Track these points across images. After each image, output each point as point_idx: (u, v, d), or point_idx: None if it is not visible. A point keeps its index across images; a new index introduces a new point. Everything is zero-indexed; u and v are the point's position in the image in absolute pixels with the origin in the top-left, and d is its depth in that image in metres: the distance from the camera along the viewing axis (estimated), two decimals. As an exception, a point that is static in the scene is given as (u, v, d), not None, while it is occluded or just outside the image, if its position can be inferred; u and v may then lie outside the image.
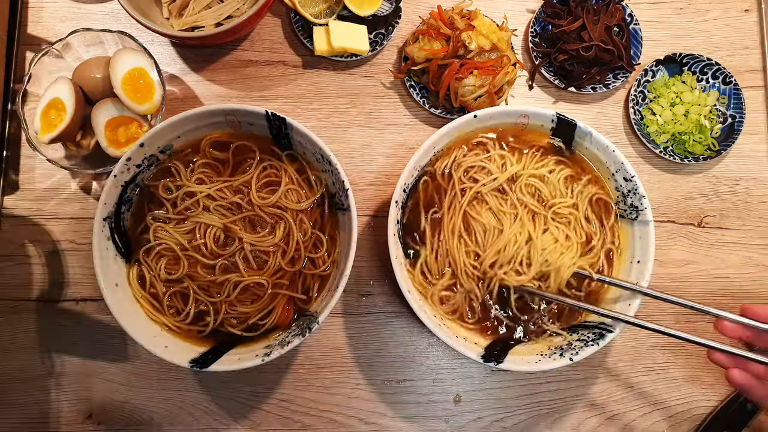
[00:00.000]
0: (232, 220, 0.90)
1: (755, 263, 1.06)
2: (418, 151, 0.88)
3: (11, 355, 0.99)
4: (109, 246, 0.88)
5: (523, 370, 0.85)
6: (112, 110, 0.97)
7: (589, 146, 0.93)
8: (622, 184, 0.91)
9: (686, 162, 1.04)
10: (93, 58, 1.00)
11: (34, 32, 1.07)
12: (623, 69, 1.07)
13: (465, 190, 0.92)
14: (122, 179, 0.87)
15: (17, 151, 1.04)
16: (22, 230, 1.02)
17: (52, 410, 0.98)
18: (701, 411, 1.02)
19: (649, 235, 0.88)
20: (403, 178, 0.88)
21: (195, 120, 0.89)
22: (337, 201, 0.92)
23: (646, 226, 0.89)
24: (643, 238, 0.89)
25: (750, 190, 1.08)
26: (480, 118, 0.91)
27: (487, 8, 1.08)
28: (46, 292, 1.00)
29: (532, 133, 0.95)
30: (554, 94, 1.10)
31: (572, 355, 0.85)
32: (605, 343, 0.85)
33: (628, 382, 1.02)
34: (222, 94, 1.07)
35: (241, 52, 1.08)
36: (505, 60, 1.01)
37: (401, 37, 1.09)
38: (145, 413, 0.98)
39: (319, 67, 1.08)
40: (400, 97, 1.08)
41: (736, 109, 1.07)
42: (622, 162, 0.90)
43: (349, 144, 1.06)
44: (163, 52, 1.07)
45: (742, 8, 1.14)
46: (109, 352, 0.99)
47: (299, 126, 0.88)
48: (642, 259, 0.89)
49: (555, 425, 1.00)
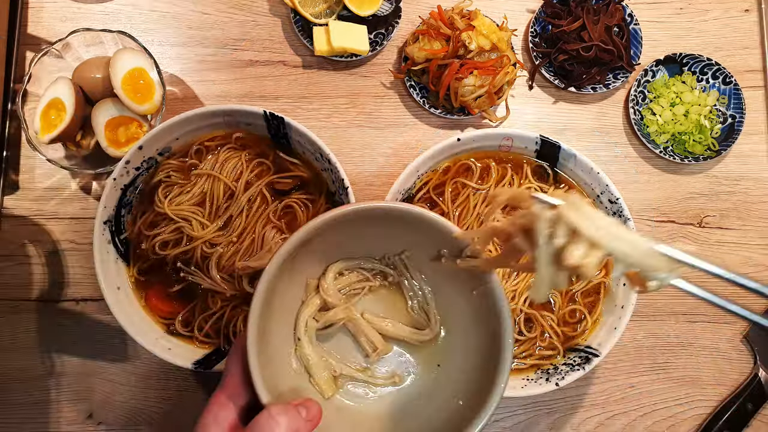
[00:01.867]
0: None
1: (755, 263, 1.06)
2: (401, 176, 0.89)
3: (11, 355, 0.99)
4: (109, 249, 0.88)
5: (509, 395, 0.86)
6: (112, 110, 0.97)
7: (574, 168, 0.93)
8: (608, 206, 0.92)
9: (686, 162, 1.04)
10: (93, 58, 1.00)
11: (34, 32, 1.07)
12: (623, 69, 1.07)
13: None
14: (121, 182, 0.88)
15: (17, 151, 1.04)
16: (22, 230, 1.02)
17: (52, 410, 0.98)
18: (701, 411, 1.02)
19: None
20: None
21: (193, 121, 0.89)
22: (337, 200, 0.92)
23: None
24: None
25: (750, 190, 1.08)
26: (463, 141, 0.91)
27: (487, 8, 1.08)
28: (46, 292, 1.00)
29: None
30: (554, 94, 1.10)
31: (558, 380, 0.86)
32: (591, 367, 0.86)
33: (628, 382, 1.02)
34: (222, 94, 1.07)
35: (241, 52, 1.08)
36: (505, 60, 1.01)
37: (401, 37, 1.09)
38: (145, 413, 0.98)
39: (319, 67, 1.08)
40: (400, 97, 1.08)
41: (736, 109, 1.07)
42: (606, 184, 0.90)
43: (349, 144, 1.06)
44: (163, 52, 1.07)
45: (742, 8, 1.14)
46: (109, 352, 0.99)
47: (297, 125, 0.88)
48: (628, 282, 0.89)
49: (555, 425, 1.00)
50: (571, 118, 1.09)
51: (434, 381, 0.76)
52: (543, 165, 0.95)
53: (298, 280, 0.75)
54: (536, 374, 0.89)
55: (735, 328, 1.04)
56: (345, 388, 0.75)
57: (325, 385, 0.72)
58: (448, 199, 0.93)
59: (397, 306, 0.79)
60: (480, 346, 0.71)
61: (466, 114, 1.04)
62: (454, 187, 0.94)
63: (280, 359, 0.71)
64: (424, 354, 0.78)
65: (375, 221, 0.70)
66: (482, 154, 0.96)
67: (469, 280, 0.71)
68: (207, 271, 0.90)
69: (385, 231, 0.73)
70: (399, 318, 0.79)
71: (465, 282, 0.72)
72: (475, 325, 0.73)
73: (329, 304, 0.75)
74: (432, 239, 0.70)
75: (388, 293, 0.80)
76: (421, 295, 0.78)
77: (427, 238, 0.71)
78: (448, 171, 0.95)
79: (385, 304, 0.79)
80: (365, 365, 0.77)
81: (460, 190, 0.95)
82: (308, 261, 0.73)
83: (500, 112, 1.07)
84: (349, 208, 0.66)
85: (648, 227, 1.06)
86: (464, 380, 0.72)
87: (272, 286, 0.65)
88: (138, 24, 1.08)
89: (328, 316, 0.75)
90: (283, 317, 0.73)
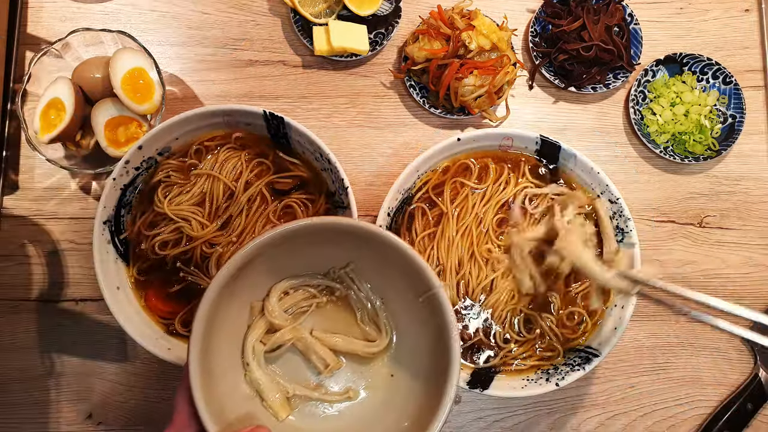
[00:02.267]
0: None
1: (755, 263, 1.06)
2: (400, 176, 0.89)
3: (11, 355, 0.99)
4: (109, 249, 0.88)
5: (509, 396, 0.86)
6: (112, 110, 0.97)
7: (574, 168, 0.93)
8: (608, 206, 0.91)
9: (686, 162, 1.04)
10: (93, 58, 0.99)
11: (34, 32, 1.07)
12: (623, 69, 1.07)
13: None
14: (121, 182, 0.87)
15: (17, 151, 1.04)
16: (21, 230, 1.02)
17: (52, 410, 0.98)
18: (701, 411, 1.02)
19: (635, 258, 0.88)
20: (387, 203, 0.88)
21: (193, 121, 0.89)
22: (336, 200, 0.92)
23: (631, 248, 0.89)
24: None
25: (750, 190, 1.08)
26: (463, 141, 0.91)
27: (487, 8, 1.08)
28: (45, 292, 1.00)
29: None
30: (554, 94, 1.10)
31: (558, 380, 0.86)
32: (591, 367, 0.86)
33: (628, 382, 1.02)
34: (222, 94, 1.07)
35: (241, 52, 1.08)
36: (505, 60, 1.01)
37: (401, 37, 1.09)
38: (145, 413, 0.98)
39: (319, 66, 1.08)
40: (400, 97, 1.08)
41: (737, 109, 1.07)
42: (607, 184, 0.90)
43: (349, 144, 1.06)
44: (163, 52, 1.07)
45: (742, 8, 1.14)
46: (109, 352, 0.99)
47: (297, 125, 0.88)
48: None
49: (555, 425, 1.00)
50: (571, 117, 1.09)
51: (389, 391, 0.75)
52: (540, 163, 0.95)
53: (241, 305, 0.74)
54: (536, 374, 0.89)
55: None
56: (299, 408, 0.74)
57: (278, 408, 0.72)
58: (447, 198, 0.93)
59: (346, 320, 0.79)
60: (430, 348, 0.72)
61: (466, 114, 1.04)
62: (453, 186, 0.94)
63: (229, 386, 0.70)
64: (378, 365, 0.78)
65: (314, 237, 0.70)
66: (482, 154, 0.96)
67: (414, 287, 0.71)
68: (207, 271, 0.90)
69: (327, 246, 0.73)
70: (349, 332, 0.78)
71: (411, 289, 0.72)
72: (423, 330, 0.73)
73: (275, 325, 0.75)
74: (373, 248, 0.70)
75: (337, 308, 0.80)
76: (370, 306, 0.78)
77: (369, 247, 0.71)
78: (448, 171, 0.95)
79: (335, 319, 0.79)
80: (318, 383, 0.77)
81: (458, 189, 0.95)
82: (251, 284, 0.73)
83: (500, 112, 1.07)
84: (281, 229, 0.65)
85: (648, 227, 1.06)
86: (418, 385, 0.72)
87: (211, 316, 0.65)
88: (138, 24, 1.08)
89: (275, 338, 0.74)
90: (230, 344, 0.72)
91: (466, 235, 0.92)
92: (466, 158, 0.95)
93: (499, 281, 0.91)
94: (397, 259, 0.69)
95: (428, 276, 0.68)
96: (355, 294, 0.78)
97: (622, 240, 0.90)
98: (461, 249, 0.91)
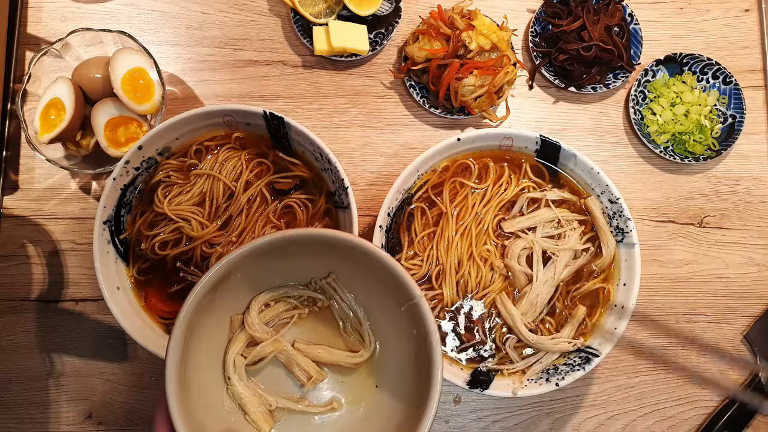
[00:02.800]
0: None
1: (755, 263, 1.06)
2: (400, 176, 0.89)
3: (11, 355, 0.99)
4: (109, 250, 0.88)
5: (510, 396, 0.85)
6: (112, 110, 0.97)
7: (574, 168, 0.93)
8: (608, 206, 0.91)
9: (686, 162, 1.04)
10: (93, 58, 0.99)
11: (34, 32, 1.07)
12: (623, 69, 1.07)
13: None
14: (121, 182, 0.87)
15: (17, 151, 1.04)
16: (21, 230, 1.02)
17: (52, 410, 0.98)
18: (701, 411, 1.02)
19: (635, 258, 0.89)
20: (387, 203, 0.88)
21: (193, 121, 0.89)
22: (336, 200, 0.92)
23: (631, 248, 0.89)
24: (628, 260, 0.90)
25: (750, 190, 1.08)
26: (463, 141, 0.91)
27: (487, 8, 1.08)
28: (46, 292, 1.00)
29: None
30: (554, 94, 1.10)
31: (558, 380, 0.86)
32: (591, 367, 0.86)
33: (628, 382, 1.02)
34: (222, 94, 1.07)
35: (241, 52, 1.08)
36: (505, 60, 1.01)
37: (401, 37, 1.09)
38: (145, 413, 0.98)
39: (319, 66, 1.08)
40: (400, 97, 1.08)
41: (737, 109, 1.07)
42: (607, 184, 0.90)
43: (349, 144, 1.06)
44: (163, 52, 1.07)
45: (742, 8, 1.14)
46: (109, 352, 0.99)
47: (297, 125, 0.88)
48: (628, 282, 0.89)
49: (555, 425, 1.00)
50: (571, 117, 1.09)
51: (373, 401, 0.75)
52: (541, 163, 0.95)
53: (221, 320, 0.74)
54: (536, 374, 0.89)
55: (735, 327, 1.04)
56: (282, 420, 0.74)
57: (261, 421, 0.71)
58: (446, 198, 0.93)
59: (329, 331, 0.79)
60: (413, 357, 0.71)
61: (466, 114, 1.04)
62: (452, 186, 0.94)
63: (210, 401, 0.70)
64: (361, 376, 0.77)
65: (293, 249, 0.70)
66: (481, 154, 0.95)
67: (396, 297, 0.71)
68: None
69: (307, 257, 0.73)
70: (332, 342, 0.78)
71: (392, 298, 0.72)
72: (406, 339, 0.73)
73: (256, 338, 0.74)
74: (354, 258, 0.70)
75: (319, 319, 0.79)
76: (353, 316, 0.78)
77: (350, 257, 0.71)
78: (447, 170, 0.95)
79: (317, 330, 0.79)
80: (301, 395, 0.76)
81: (458, 189, 0.95)
82: (230, 298, 0.72)
83: (500, 112, 1.07)
84: (255, 244, 0.65)
85: (648, 227, 1.06)
86: (402, 392, 0.72)
87: (188, 332, 0.64)
88: (138, 24, 1.08)
89: (256, 351, 0.74)
90: (211, 359, 0.72)
91: (465, 235, 0.92)
92: (465, 158, 0.95)
93: (498, 281, 0.91)
94: (378, 269, 0.68)
95: (408, 285, 0.67)
96: (338, 304, 0.78)
97: (622, 240, 0.90)
98: (461, 249, 0.91)
